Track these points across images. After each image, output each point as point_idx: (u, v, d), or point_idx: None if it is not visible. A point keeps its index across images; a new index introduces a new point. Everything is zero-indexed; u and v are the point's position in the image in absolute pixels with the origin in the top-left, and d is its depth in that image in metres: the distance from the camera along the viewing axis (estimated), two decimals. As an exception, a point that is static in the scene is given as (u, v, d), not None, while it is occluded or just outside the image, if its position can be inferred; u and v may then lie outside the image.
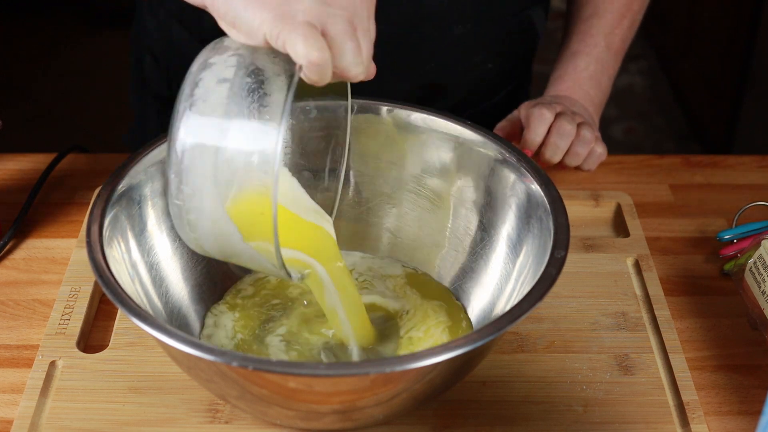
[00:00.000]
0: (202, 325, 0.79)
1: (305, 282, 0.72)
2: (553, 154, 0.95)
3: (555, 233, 0.71)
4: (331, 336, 0.77)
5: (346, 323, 0.74)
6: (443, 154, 0.83)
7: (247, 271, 0.83)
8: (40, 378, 0.76)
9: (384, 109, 0.83)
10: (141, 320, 0.63)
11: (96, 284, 0.84)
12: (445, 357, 0.61)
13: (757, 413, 0.76)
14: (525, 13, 1.04)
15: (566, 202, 0.74)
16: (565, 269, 0.68)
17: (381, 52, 0.95)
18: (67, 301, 0.83)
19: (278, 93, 0.62)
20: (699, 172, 1.03)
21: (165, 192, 0.72)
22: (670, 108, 2.67)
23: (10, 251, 0.90)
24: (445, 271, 0.83)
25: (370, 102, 0.83)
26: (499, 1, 1.01)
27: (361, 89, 0.73)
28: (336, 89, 0.74)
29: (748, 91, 2.18)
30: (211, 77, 0.62)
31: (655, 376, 0.78)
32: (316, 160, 0.80)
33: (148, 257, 0.77)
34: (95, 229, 0.70)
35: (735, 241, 0.90)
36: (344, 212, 0.86)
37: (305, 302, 0.80)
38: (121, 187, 0.75)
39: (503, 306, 0.76)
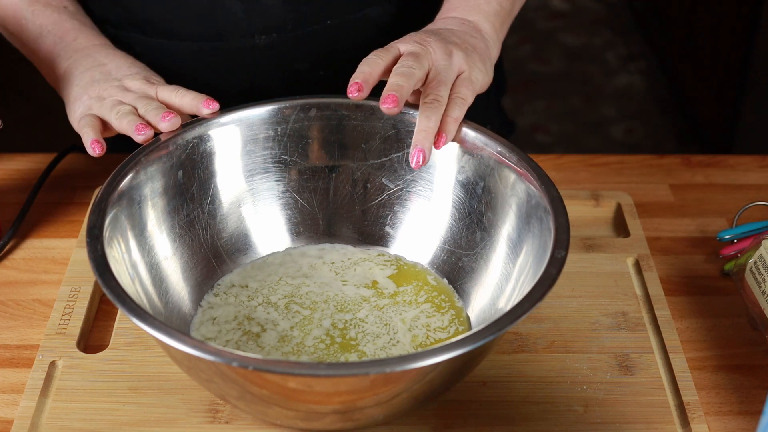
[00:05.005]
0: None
1: None
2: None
3: (555, 233, 0.71)
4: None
5: None
6: (443, 153, 0.83)
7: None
8: (40, 378, 0.76)
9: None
10: (141, 320, 0.63)
11: (96, 284, 0.84)
12: (446, 357, 0.61)
13: (758, 413, 0.76)
14: (360, 14, 1.00)
15: (566, 202, 0.74)
16: (565, 269, 0.68)
17: (185, 67, 0.96)
18: (67, 301, 0.83)
19: None
20: (699, 172, 1.03)
21: None
22: (670, 108, 2.67)
23: (10, 251, 0.90)
24: (444, 270, 0.83)
25: (370, 101, 0.83)
26: (316, 6, 0.97)
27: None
28: None
29: (748, 90, 2.18)
30: None
31: (655, 376, 0.78)
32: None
33: (148, 257, 0.77)
34: (95, 229, 0.70)
35: (735, 241, 0.90)
36: (343, 207, 0.86)
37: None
38: (121, 186, 0.75)
39: (503, 306, 0.76)
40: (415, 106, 0.83)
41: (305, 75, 1.01)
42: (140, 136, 0.79)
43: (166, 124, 0.80)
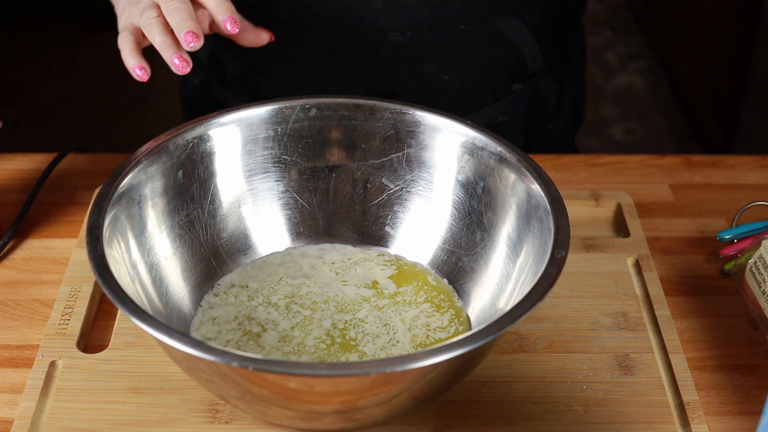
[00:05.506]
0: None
1: None
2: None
3: (555, 233, 0.71)
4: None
5: None
6: (443, 153, 0.83)
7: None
8: (40, 378, 0.76)
9: (384, 106, 0.83)
10: (141, 320, 0.63)
11: (96, 284, 0.84)
12: (446, 357, 0.61)
13: (758, 413, 0.76)
14: (491, 24, 0.99)
15: (567, 202, 0.74)
16: (565, 269, 0.68)
17: (314, 57, 0.96)
18: (67, 301, 0.83)
19: None
20: (699, 172, 1.03)
21: None
22: (670, 108, 2.67)
23: (10, 251, 0.90)
24: (444, 271, 0.83)
25: (370, 100, 0.83)
26: (453, 10, 0.97)
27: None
28: None
29: (748, 90, 2.18)
30: None
31: (655, 376, 0.78)
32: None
33: (148, 257, 0.77)
34: (95, 229, 0.70)
35: (735, 241, 0.90)
36: (343, 207, 0.86)
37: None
38: (121, 186, 0.75)
39: (503, 306, 0.76)
40: (417, 106, 0.83)
41: (431, 77, 1.01)
42: (178, 70, 0.81)
43: (188, 48, 0.81)
